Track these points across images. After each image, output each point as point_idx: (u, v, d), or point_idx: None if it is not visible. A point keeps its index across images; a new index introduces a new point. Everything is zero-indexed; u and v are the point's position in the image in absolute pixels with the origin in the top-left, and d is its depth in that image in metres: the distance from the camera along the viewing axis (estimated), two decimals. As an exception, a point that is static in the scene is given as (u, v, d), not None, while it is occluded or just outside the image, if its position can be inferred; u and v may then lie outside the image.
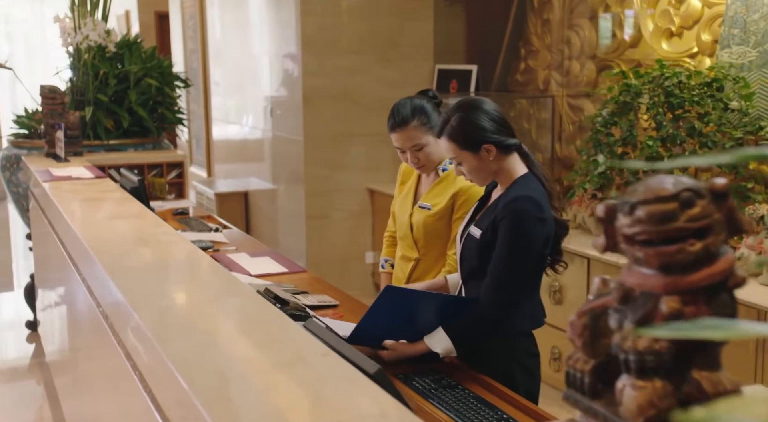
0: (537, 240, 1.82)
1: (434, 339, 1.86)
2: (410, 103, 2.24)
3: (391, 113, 2.25)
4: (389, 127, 2.25)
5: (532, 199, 1.82)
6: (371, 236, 5.12)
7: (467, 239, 1.92)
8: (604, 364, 0.92)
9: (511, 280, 1.83)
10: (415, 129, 2.21)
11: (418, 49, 5.05)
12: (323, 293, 2.46)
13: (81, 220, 2.37)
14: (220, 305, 1.56)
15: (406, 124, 2.21)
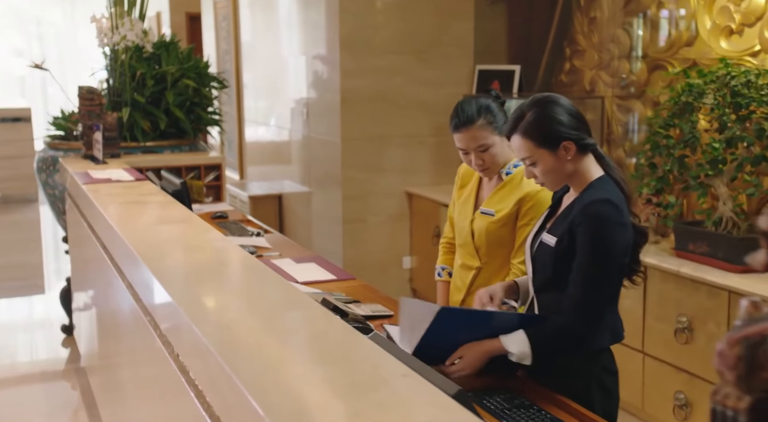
0: (618, 247, 1.69)
1: (511, 339, 1.71)
2: (475, 101, 2.12)
3: (455, 111, 2.13)
4: (453, 126, 2.13)
5: (611, 202, 1.70)
6: (409, 241, 5.01)
7: (540, 248, 1.80)
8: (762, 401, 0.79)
9: (596, 291, 1.70)
10: (481, 128, 2.09)
11: (458, 49, 4.93)
12: (375, 301, 2.35)
13: (126, 224, 2.28)
14: (285, 318, 1.46)
15: (472, 123, 2.09)
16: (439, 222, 4.65)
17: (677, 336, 2.92)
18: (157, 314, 1.81)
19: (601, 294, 1.71)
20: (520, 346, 1.70)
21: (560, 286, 1.74)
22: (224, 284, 1.71)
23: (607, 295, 1.73)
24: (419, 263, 4.97)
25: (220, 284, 1.72)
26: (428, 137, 4.96)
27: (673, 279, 2.91)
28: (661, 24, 3.77)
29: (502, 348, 1.72)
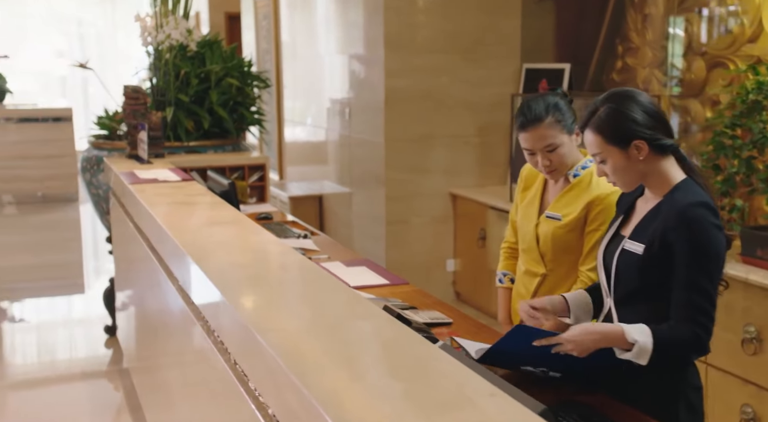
0: (720, 252, 1.59)
1: (635, 329, 1.56)
2: (543, 99, 2.01)
3: (521, 109, 2.02)
4: (519, 125, 2.02)
5: (708, 206, 1.59)
6: (453, 243, 4.91)
7: (623, 256, 1.68)
8: None
9: (707, 298, 1.58)
10: (549, 127, 1.99)
11: (504, 48, 4.82)
12: (432, 308, 2.26)
13: (176, 226, 2.22)
14: (352, 328, 1.37)
15: (540, 121, 1.99)
16: (485, 224, 4.54)
17: (744, 347, 2.78)
18: (212, 319, 1.75)
19: (711, 302, 1.60)
20: (643, 337, 1.55)
21: (646, 297, 1.63)
22: (284, 290, 1.64)
23: (714, 303, 1.61)
24: (463, 265, 4.86)
25: (280, 289, 1.64)
26: (473, 137, 4.85)
27: (740, 287, 2.77)
28: (721, 20, 3.61)
29: (620, 336, 1.56)
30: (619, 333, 1.57)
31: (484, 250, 4.57)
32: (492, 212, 4.45)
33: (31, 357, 4.38)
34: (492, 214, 4.45)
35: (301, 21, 6.13)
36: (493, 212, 4.43)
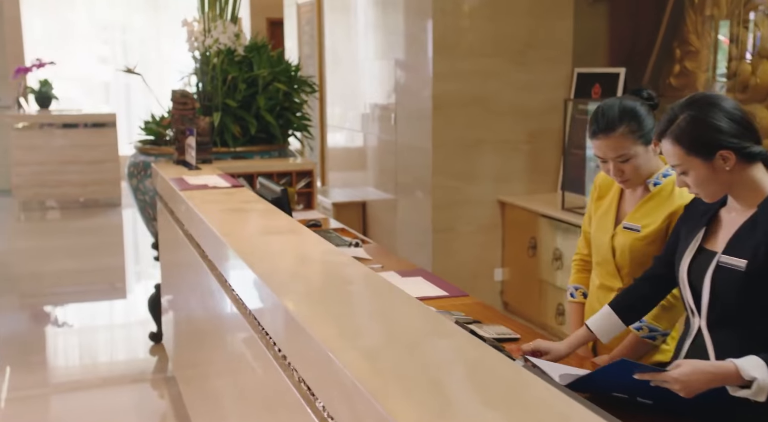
0: None
1: (749, 364, 1.41)
2: (619, 104, 1.89)
3: (595, 115, 1.91)
4: (590, 132, 1.91)
5: None
6: (501, 252, 4.79)
7: (720, 273, 1.56)
8: None
9: None
10: (623, 137, 1.87)
11: (555, 51, 4.69)
12: (496, 322, 2.15)
13: (232, 234, 2.16)
14: (432, 347, 1.28)
15: (613, 130, 1.87)
16: (535, 233, 4.41)
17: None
18: (273, 332, 1.67)
19: None
20: (761, 373, 1.40)
21: (746, 319, 1.50)
22: (353, 304, 1.55)
23: None
24: (512, 275, 4.74)
25: (348, 303, 1.55)
26: (523, 143, 4.73)
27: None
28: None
29: (734, 373, 1.42)
30: (733, 371, 1.43)
31: (534, 259, 4.44)
32: (543, 220, 4.32)
33: (74, 362, 4.37)
34: (543, 222, 4.32)
35: (345, 26, 6.07)
36: (545, 221, 4.31)
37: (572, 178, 4.45)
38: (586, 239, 2.14)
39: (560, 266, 4.17)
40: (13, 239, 7.31)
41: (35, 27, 9.53)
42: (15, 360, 4.22)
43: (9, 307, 5.28)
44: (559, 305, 4.24)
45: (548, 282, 4.32)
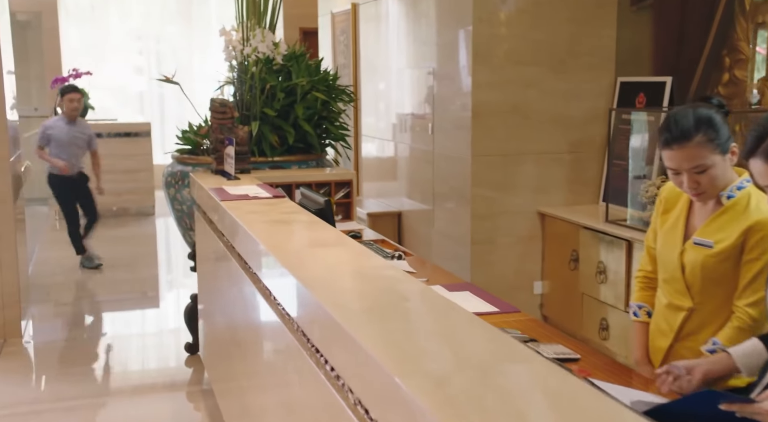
0: None
1: None
2: (693, 112, 1.80)
3: (667, 124, 1.81)
4: (663, 142, 1.81)
5: None
6: (540, 264, 4.68)
7: None
8: None
9: None
10: (699, 146, 1.77)
11: (597, 60, 4.59)
12: (553, 340, 2.06)
13: (278, 247, 2.09)
14: (506, 373, 1.19)
15: (688, 139, 1.77)
16: (577, 246, 4.30)
17: None
18: (328, 353, 1.59)
19: None
20: None
21: None
22: (412, 323, 1.47)
23: None
24: (552, 288, 4.63)
25: (408, 323, 1.48)
26: (564, 153, 4.63)
27: None
28: None
29: None
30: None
31: (576, 272, 4.33)
32: (585, 232, 4.21)
33: (108, 372, 4.34)
34: (585, 235, 4.21)
35: (378, 35, 6.02)
36: (587, 233, 4.19)
37: (615, 189, 4.33)
38: (650, 255, 2.04)
39: (604, 279, 4.06)
40: (49, 247, 7.35)
41: (72, 38, 9.64)
42: (51, 370, 4.20)
43: (45, 315, 5.29)
44: (603, 320, 4.12)
45: (591, 296, 4.20)
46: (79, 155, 6.17)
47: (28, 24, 9.49)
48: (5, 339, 4.57)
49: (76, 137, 6.10)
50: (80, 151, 6.16)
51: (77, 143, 6.11)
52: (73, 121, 6.09)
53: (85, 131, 6.19)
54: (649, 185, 3.94)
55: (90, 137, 6.21)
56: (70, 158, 6.05)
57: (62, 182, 6.12)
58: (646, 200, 3.93)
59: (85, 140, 6.18)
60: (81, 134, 6.14)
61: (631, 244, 3.83)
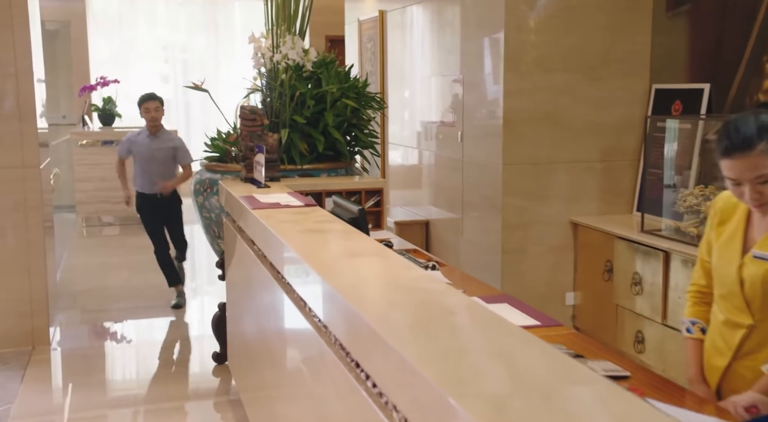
0: None
1: None
2: (755, 119, 1.72)
3: (726, 131, 1.73)
4: (723, 150, 1.73)
5: None
6: (573, 275, 4.59)
7: None
8: None
9: None
10: (763, 155, 1.68)
11: (631, 66, 4.50)
12: (600, 356, 1.98)
13: (314, 256, 2.04)
14: (570, 396, 1.12)
15: (750, 148, 1.69)
16: (611, 256, 4.20)
17: None
18: (369, 366, 1.53)
19: None
20: None
21: None
22: (462, 339, 1.41)
23: None
24: (585, 299, 4.53)
25: (456, 338, 1.41)
26: (597, 161, 4.54)
27: None
28: None
29: None
30: None
31: (610, 283, 4.23)
32: (620, 242, 4.11)
33: (134, 380, 4.31)
34: (620, 245, 4.11)
35: (407, 42, 5.98)
36: (622, 243, 4.10)
37: (650, 199, 4.23)
38: (704, 268, 1.95)
39: (640, 291, 3.96)
40: (76, 254, 7.38)
41: (100, 47, 9.71)
42: (78, 379, 4.18)
43: (72, 322, 5.28)
44: (638, 332, 4.02)
45: (626, 308, 4.10)
46: (163, 172, 5.23)
47: (57, 33, 9.58)
48: (34, 346, 4.56)
49: (157, 151, 5.20)
50: (163, 167, 5.23)
51: (158, 159, 5.21)
52: (154, 133, 5.23)
53: (168, 144, 5.25)
54: (687, 195, 3.84)
55: (175, 149, 5.24)
56: (151, 175, 5.20)
57: (146, 202, 5.29)
58: (683, 210, 3.83)
59: (169, 154, 5.23)
60: (162, 148, 5.22)
61: (669, 255, 3.73)
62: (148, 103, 5.18)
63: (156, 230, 5.37)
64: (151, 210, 5.32)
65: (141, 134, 5.28)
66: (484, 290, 2.72)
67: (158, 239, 5.39)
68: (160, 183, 5.21)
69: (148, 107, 5.18)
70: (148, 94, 5.28)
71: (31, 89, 4.44)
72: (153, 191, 5.23)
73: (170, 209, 5.37)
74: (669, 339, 3.75)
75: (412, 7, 5.82)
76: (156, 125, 5.22)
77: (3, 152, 4.41)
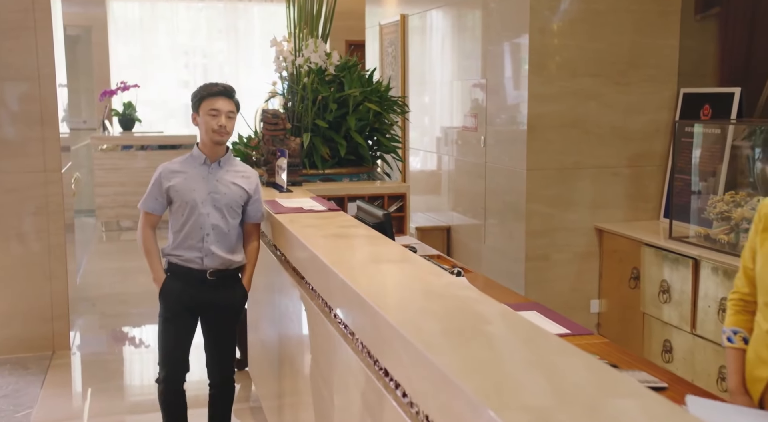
0: None
1: None
2: None
3: None
4: None
5: None
6: (598, 282, 4.50)
7: None
8: None
9: None
10: None
11: (659, 71, 4.42)
12: (635, 367, 1.91)
13: (340, 262, 1.99)
14: (615, 409, 1.07)
15: None
16: (638, 263, 4.12)
17: None
18: (401, 377, 1.48)
19: None
20: None
21: None
22: (500, 350, 1.35)
23: None
24: (610, 307, 4.45)
25: (494, 349, 1.35)
26: (623, 167, 4.46)
27: None
28: None
29: None
30: None
31: (636, 291, 4.15)
32: (647, 249, 4.03)
33: (150, 384, 4.28)
34: (647, 252, 4.03)
35: (428, 47, 5.93)
36: (649, 250, 4.01)
37: (679, 205, 4.15)
38: (747, 276, 1.89)
39: (668, 299, 3.87)
40: (95, 259, 7.39)
41: (120, 52, 9.77)
42: (98, 384, 4.16)
43: (91, 327, 5.27)
44: (666, 341, 3.93)
45: (653, 316, 4.01)
46: (224, 234, 2.85)
47: (79, 38, 9.65)
48: (54, 350, 4.55)
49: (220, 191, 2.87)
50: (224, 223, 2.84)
51: (222, 205, 2.87)
52: (216, 159, 2.92)
53: (240, 181, 2.94)
54: (717, 201, 3.75)
55: (249, 192, 2.93)
56: (200, 236, 2.83)
57: (180, 286, 2.97)
58: (713, 217, 3.74)
59: (238, 199, 2.92)
60: (230, 186, 2.91)
61: (698, 262, 3.64)
62: (218, 101, 2.80)
63: (180, 344, 2.93)
64: (184, 301, 2.90)
65: (188, 161, 2.91)
66: (509, 297, 2.66)
67: (175, 363, 2.93)
68: (223, 257, 2.86)
69: (218, 107, 2.80)
70: (219, 85, 2.86)
71: (53, 94, 4.45)
72: (204, 267, 2.85)
73: (223, 310, 2.93)
74: (698, 349, 3.66)
75: (432, 11, 5.78)
76: (223, 143, 2.86)
77: (25, 156, 4.41)
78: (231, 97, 2.83)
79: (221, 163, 2.86)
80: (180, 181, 2.85)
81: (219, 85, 2.84)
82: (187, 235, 2.85)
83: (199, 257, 2.83)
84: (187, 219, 2.84)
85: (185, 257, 2.85)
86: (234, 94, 2.86)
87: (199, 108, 2.83)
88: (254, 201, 2.87)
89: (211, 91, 2.80)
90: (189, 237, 2.84)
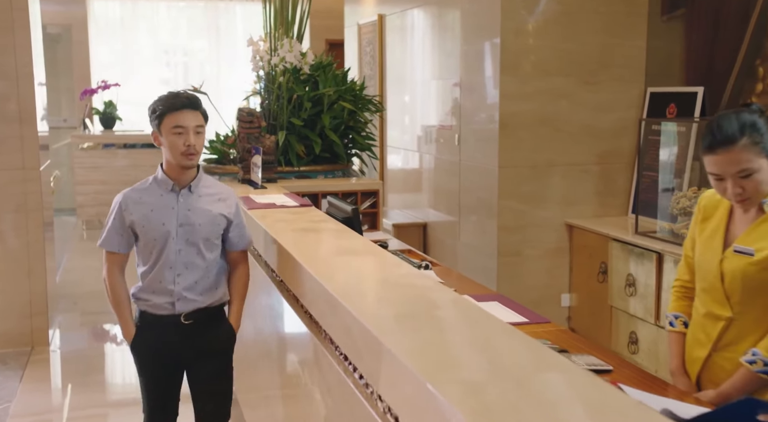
0: None
1: None
2: (736, 117, 1.76)
3: (710, 128, 1.78)
4: (707, 146, 1.77)
5: None
6: (568, 277, 4.62)
7: None
8: None
9: None
10: (744, 150, 1.73)
11: (627, 71, 4.54)
12: (584, 351, 2.01)
13: (306, 255, 2.08)
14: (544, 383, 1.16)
15: (733, 143, 1.74)
16: (606, 258, 4.24)
17: None
18: (357, 360, 1.57)
19: None
20: None
21: None
22: (447, 333, 1.44)
23: None
24: (580, 301, 4.56)
25: (441, 331, 1.44)
26: (593, 164, 4.57)
27: None
28: None
29: None
30: None
31: (604, 285, 4.26)
32: (615, 244, 4.14)
33: (133, 380, 4.34)
34: (615, 247, 4.14)
35: (407, 46, 6.02)
36: (617, 245, 4.13)
37: (645, 201, 4.27)
38: (688, 264, 1.99)
39: (633, 292, 3.99)
40: (76, 257, 7.42)
41: (101, 51, 9.78)
42: (77, 379, 4.22)
43: (72, 324, 5.32)
44: (632, 333, 4.05)
45: (620, 309, 4.13)
46: (199, 269, 2.42)
47: (59, 37, 9.65)
48: (33, 347, 4.59)
49: (193, 222, 2.46)
50: (199, 258, 2.40)
51: (195, 237, 2.30)
52: (186, 184, 2.49)
53: (215, 206, 2.48)
54: (680, 197, 3.87)
55: (229, 217, 2.49)
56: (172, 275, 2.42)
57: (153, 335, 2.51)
58: (677, 212, 3.86)
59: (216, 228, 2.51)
60: (205, 214, 2.40)
61: (662, 256, 3.76)
62: (183, 115, 2.37)
63: (163, 399, 2.56)
64: (161, 354, 2.49)
65: (152, 189, 2.49)
66: (475, 289, 2.76)
67: (161, 413, 2.58)
68: (197, 299, 2.43)
69: (184, 123, 2.37)
70: (182, 96, 2.43)
71: (31, 92, 4.49)
72: (175, 311, 2.41)
73: (208, 358, 2.52)
74: (662, 340, 3.78)
75: (412, 11, 5.87)
76: (193, 162, 2.42)
77: (4, 154, 4.46)
78: (197, 108, 2.36)
79: (192, 188, 2.39)
80: (145, 213, 2.37)
81: (181, 96, 2.37)
82: (155, 277, 2.36)
83: (170, 301, 2.36)
84: (157, 259, 2.36)
85: (153, 303, 2.38)
86: (200, 105, 2.38)
87: (160, 126, 2.35)
88: (236, 226, 2.39)
89: (174, 105, 2.32)
90: (156, 280, 2.36)
